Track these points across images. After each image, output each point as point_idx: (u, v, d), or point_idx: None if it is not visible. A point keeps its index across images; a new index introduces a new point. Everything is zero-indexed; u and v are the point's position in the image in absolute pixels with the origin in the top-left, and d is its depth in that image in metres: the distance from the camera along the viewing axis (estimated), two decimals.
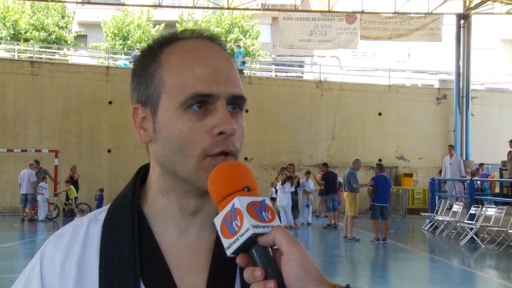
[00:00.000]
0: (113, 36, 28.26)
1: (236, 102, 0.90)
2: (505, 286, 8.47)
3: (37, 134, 19.01)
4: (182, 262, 0.91)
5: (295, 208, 15.35)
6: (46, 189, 16.42)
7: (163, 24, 29.45)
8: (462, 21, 21.19)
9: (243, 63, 22.24)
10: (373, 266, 10.17)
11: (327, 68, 27.50)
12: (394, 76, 24.34)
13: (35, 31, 27.05)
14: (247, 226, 0.75)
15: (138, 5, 24.58)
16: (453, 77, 21.91)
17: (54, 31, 27.43)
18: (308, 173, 16.63)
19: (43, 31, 27.22)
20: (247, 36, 28.93)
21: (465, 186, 14.79)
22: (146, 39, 26.95)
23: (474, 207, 13.02)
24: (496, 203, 13.35)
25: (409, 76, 25.91)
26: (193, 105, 0.87)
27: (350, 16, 19.65)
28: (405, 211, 19.06)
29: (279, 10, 21.13)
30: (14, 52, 22.03)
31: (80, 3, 22.20)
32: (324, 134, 21.34)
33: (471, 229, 12.26)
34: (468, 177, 15.32)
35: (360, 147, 21.14)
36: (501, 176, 15.50)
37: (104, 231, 0.91)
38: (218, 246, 0.92)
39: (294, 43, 19.79)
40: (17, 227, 15.26)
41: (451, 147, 16.42)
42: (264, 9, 21.56)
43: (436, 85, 23.30)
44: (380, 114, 21.84)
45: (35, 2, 26.12)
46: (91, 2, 20.36)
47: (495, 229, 11.78)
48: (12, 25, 27.00)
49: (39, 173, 16.73)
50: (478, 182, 17.07)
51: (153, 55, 0.92)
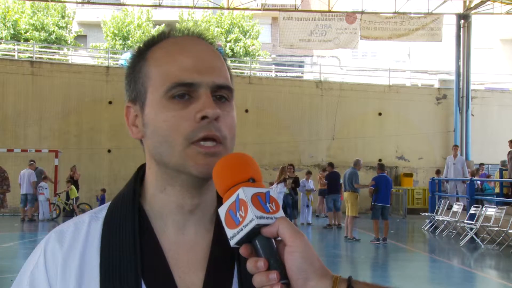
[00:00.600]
0: (113, 36, 28.24)
1: (222, 92, 0.90)
2: (505, 286, 8.47)
3: (37, 134, 19.01)
4: (181, 260, 0.91)
5: (295, 208, 15.35)
6: (47, 189, 16.43)
7: (163, 24, 29.41)
8: (462, 21, 21.19)
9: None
10: (373, 266, 10.17)
11: (327, 68, 27.51)
12: (394, 76, 24.35)
13: (35, 31, 27.03)
14: (251, 217, 0.75)
15: (138, 5, 24.56)
16: (453, 77, 21.92)
17: (54, 31, 27.41)
18: (309, 173, 16.64)
19: (43, 31, 27.20)
20: (247, 36, 28.92)
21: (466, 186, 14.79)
22: None
23: (474, 207, 13.02)
24: (496, 203, 13.34)
25: (409, 76, 25.91)
26: (176, 95, 0.87)
27: (350, 16, 19.65)
28: (405, 211, 19.06)
29: (279, 10, 21.13)
30: (14, 52, 22.03)
31: (80, 3, 22.21)
32: (324, 134, 21.34)
33: (471, 229, 12.26)
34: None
35: (360, 147, 21.14)
36: (501, 176, 15.49)
37: (105, 229, 0.91)
38: (216, 244, 0.92)
39: (294, 43, 19.79)
40: (17, 227, 15.26)
41: (456, 147, 16.37)
42: (264, 9, 21.55)
43: (436, 85, 23.30)
44: (380, 114, 21.84)
45: (35, 2, 26.10)
46: (91, 2, 20.37)
47: (495, 229, 11.78)
48: (12, 25, 26.98)
49: (35, 174, 16.69)
50: (478, 182, 17.07)
51: (141, 54, 0.94)
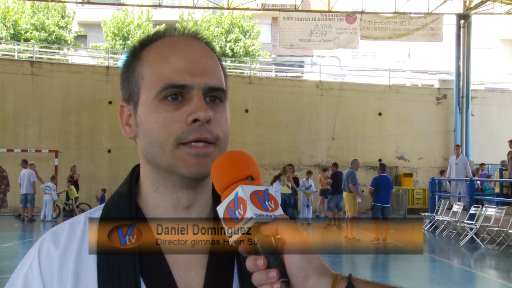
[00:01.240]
0: (113, 36, 28.23)
1: (215, 94, 0.90)
2: (505, 286, 8.46)
3: (37, 134, 19.00)
4: (179, 259, 0.90)
5: (295, 208, 15.34)
6: (55, 190, 16.17)
7: (163, 24, 29.40)
8: (462, 21, 21.17)
9: None
10: (373, 266, 10.17)
11: (327, 68, 27.50)
12: (394, 76, 24.33)
13: (35, 31, 27.02)
14: (250, 215, 0.75)
15: (138, 5, 24.55)
16: (453, 77, 21.89)
17: (54, 31, 27.40)
18: (310, 173, 16.63)
19: (43, 31, 27.19)
20: (247, 36, 28.90)
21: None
22: None
23: (474, 207, 13.01)
24: (496, 203, 13.34)
25: (409, 76, 25.89)
26: (168, 96, 0.87)
27: (350, 16, 19.64)
28: (405, 211, 19.04)
29: (279, 10, 21.12)
30: (14, 52, 22.02)
31: (80, 3, 22.18)
32: (324, 134, 21.32)
33: (471, 229, 12.25)
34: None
35: (360, 147, 21.12)
36: (501, 176, 15.48)
37: None
38: (215, 242, 0.91)
39: (294, 43, 19.77)
40: (17, 227, 15.25)
41: (458, 147, 16.39)
42: (264, 9, 21.53)
43: (436, 85, 23.28)
44: (380, 114, 21.83)
45: (35, 2, 26.10)
46: (91, 2, 20.35)
47: (495, 229, 11.77)
48: (12, 25, 26.97)
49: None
50: (478, 182, 17.06)
51: (135, 53, 0.94)
